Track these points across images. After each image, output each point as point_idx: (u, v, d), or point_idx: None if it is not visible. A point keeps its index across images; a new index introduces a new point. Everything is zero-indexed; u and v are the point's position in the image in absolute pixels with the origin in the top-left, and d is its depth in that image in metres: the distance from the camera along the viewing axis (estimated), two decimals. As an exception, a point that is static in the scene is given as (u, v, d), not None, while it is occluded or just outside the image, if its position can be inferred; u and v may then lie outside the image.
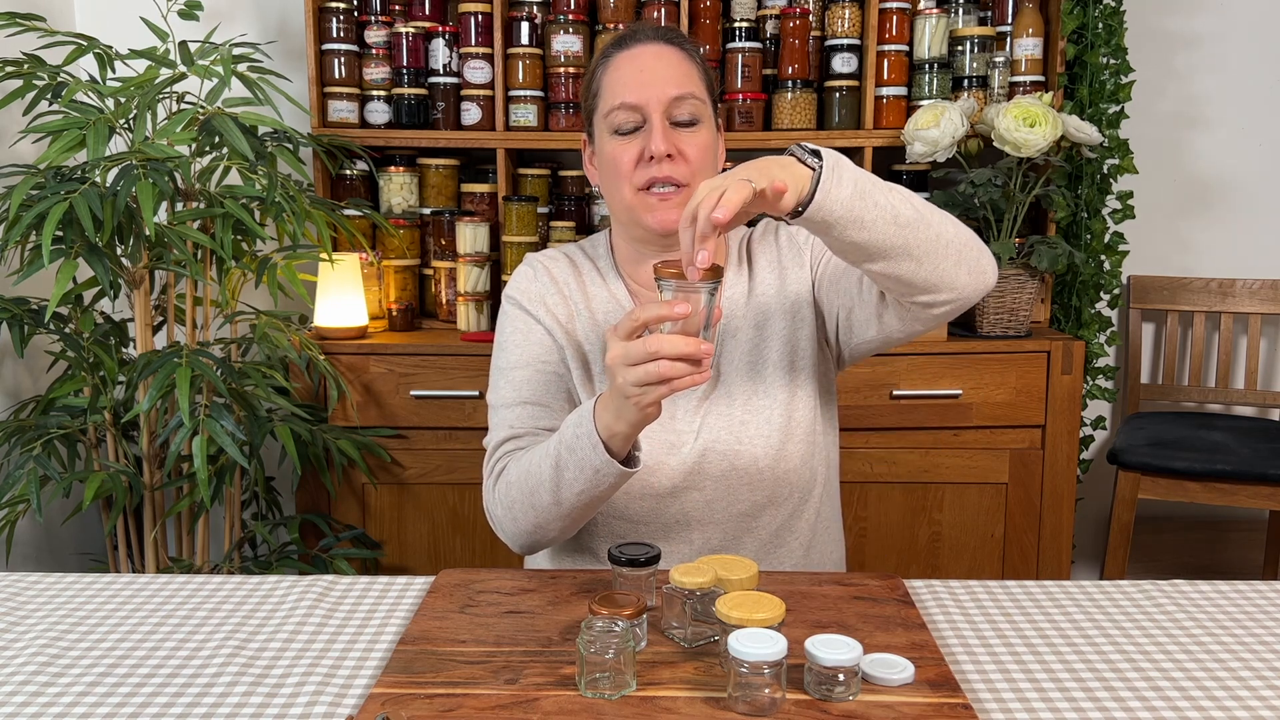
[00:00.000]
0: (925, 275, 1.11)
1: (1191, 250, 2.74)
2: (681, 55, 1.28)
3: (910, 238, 1.08)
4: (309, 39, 2.37)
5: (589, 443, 1.12)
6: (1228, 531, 2.80)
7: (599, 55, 1.33)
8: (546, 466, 1.17)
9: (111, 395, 2.02)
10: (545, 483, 1.17)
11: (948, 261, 1.12)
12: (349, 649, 1.06)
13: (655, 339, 1.00)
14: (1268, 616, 1.13)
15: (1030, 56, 2.39)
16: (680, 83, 1.26)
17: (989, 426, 2.23)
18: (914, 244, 1.09)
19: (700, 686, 0.94)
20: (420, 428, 2.23)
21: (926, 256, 1.10)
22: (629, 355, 1.02)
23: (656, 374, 1.01)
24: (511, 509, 1.23)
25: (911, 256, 1.09)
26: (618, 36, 1.33)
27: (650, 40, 1.29)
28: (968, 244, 1.14)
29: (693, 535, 1.30)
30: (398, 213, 2.47)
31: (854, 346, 1.32)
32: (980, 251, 1.15)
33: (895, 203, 1.08)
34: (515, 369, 1.32)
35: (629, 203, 1.27)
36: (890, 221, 1.07)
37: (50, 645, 1.07)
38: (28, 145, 2.22)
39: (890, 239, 1.07)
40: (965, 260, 1.13)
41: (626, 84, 1.26)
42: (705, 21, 2.39)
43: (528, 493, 1.20)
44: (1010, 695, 0.95)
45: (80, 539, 2.47)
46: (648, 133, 1.25)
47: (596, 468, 1.12)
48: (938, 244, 1.10)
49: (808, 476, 1.33)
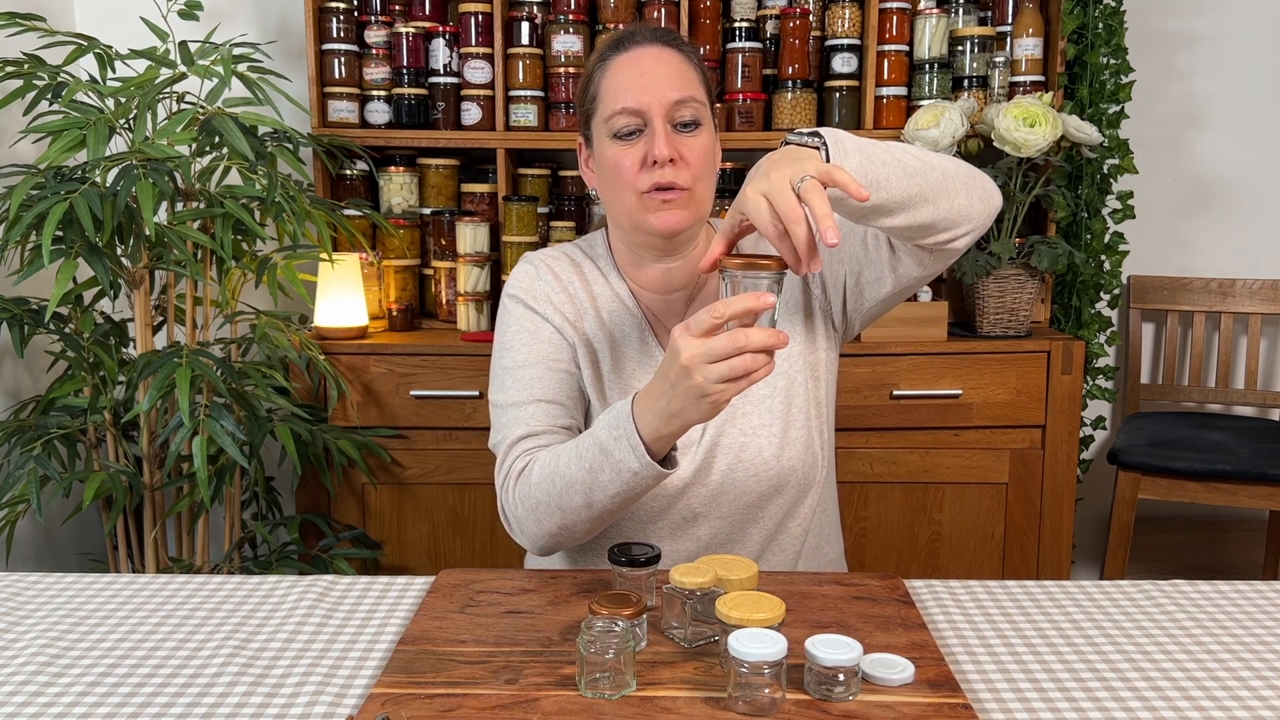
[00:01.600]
0: (944, 214, 1.15)
1: (1191, 250, 2.74)
2: (680, 57, 1.28)
3: (922, 184, 1.13)
4: (309, 39, 2.37)
5: (628, 445, 1.09)
6: (1228, 531, 2.80)
7: (595, 59, 1.31)
8: (577, 469, 1.14)
9: (111, 395, 2.02)
10: (576, 484, 1.15)
11: (960, 196, 1.17)
12: (349, 649, 1.06)
13: (741, 333, 1.00)
14: (1268, 616, 1.13)
15: (1030, 56, 2.39)
16: (681, 85, 1.25)
17: (989, 426, 2.23)
18: (927, 189, 1.13)
19: (700, 686, 0.94)
20: (420, 428, 2.23)
21: (941, 196, 1.15)
22: (712, 352, 1.01)
23: (742, 368, 1.00)
24: (536, 510, 1.20)
25: (928, 201, 1.14)
26: (614, 39, 1.31)
27: (648, 42, 1.28)
28: (970, 175, 1.19)
29: (699, 530, 1.30)
30: (398, 213, 2.47)
31: (867, 308, 1.33)
32: (982, 178, 1.21)
33: (899, 156, 1.12)
34: (523, 367, 1.30)
35: (632, 207, 1.26)
36: (901, 175, 1.11)
37: (50, 645, 1.07)
38: (28, 145, 2.22)
39: (906, 190, 1.11)
40: (974, 190, 1.18)
41: (627, 88, 1.25)
42: (705, 21, 2.39)
43: (556, 494, 1.17)
44: (1010, 695, 0.95)
45: (80, 539, 2.47)
46: (650, 137, 1.24)
47: (635, 470, 1.10)
48: (946, 182, 1.15)
49: (810, 462, 1.32)
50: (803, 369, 1.33)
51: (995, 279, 2.25)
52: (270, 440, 2.16)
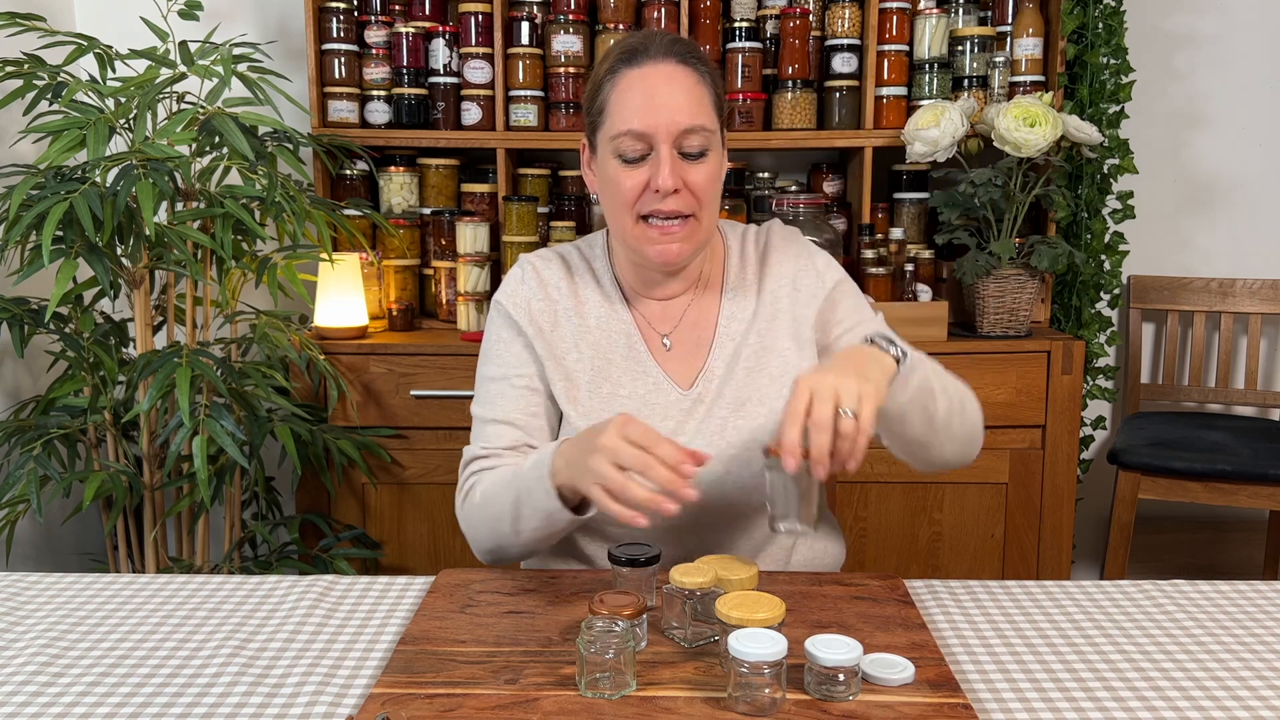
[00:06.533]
0: (922, 456, 1.23)
1: (1191, 250, 2.74)
2: (694, 79, 1.23)
3: (933, 437, 1.19)
4: (309, 39, 2.37)
5: (543, 489, 1.14)
6: (1228, 531, 2.80)
7: (606, 66, 1.26)
8: (507, 501, 1.20)
9: (111, 395, 2.02)
10: (505, 515, 1.20)
11: (949, 449, 1.23)
12: (349, 649, 1.06)
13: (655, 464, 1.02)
14: (1268, 616, 1.13)
15: (1030, 56, 2.39)
16: (692, 112, 1.21)
17: (989, 426, 2.19)
18: (933, 441, 1.20)
19: (700, 686, 0.94)
20: (420, 428, 2.23)
21: (934, 446, 1.21)
22: (620, 453, 1.03)
23: (621, 484, 1.02)
24: (476, 530, 1.26)
25: (923, 445, 1.20)
26: (627, 49, 1.25)
27: (662, 58, 1.23)
28: (972, 437, 1.26)
29: (688, 539, 1.29)
30: (398, 213, 2.47)
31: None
32: (977, 440, 1.27)
33: (939, 408, 1.17)
34: (493, 381, 1.33)
35: (630, 231, 1.25)
36: (926, 424, 1.17)
37: (50, 645, 1.07)
38: (28, 145, 2.22)
39: (917, 433, 1.18)
40: (965, 449, 1.25)
41: (635, 109, 1.21)
42: (705, 21, 2.39)
43: (490, 519, 1.23)
44: (1010, 695, 0.95)
45: (80, 539, 2.47)
46: (654, 163, 1.21)
47: (549, 513, 1.15)
48: (949, 438, 1.21)
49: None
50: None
51: (995, 279, 2.25)
52: (270, 440, 2.15)
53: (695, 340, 1.33)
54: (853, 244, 2.43)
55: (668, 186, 1.20)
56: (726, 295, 1.35)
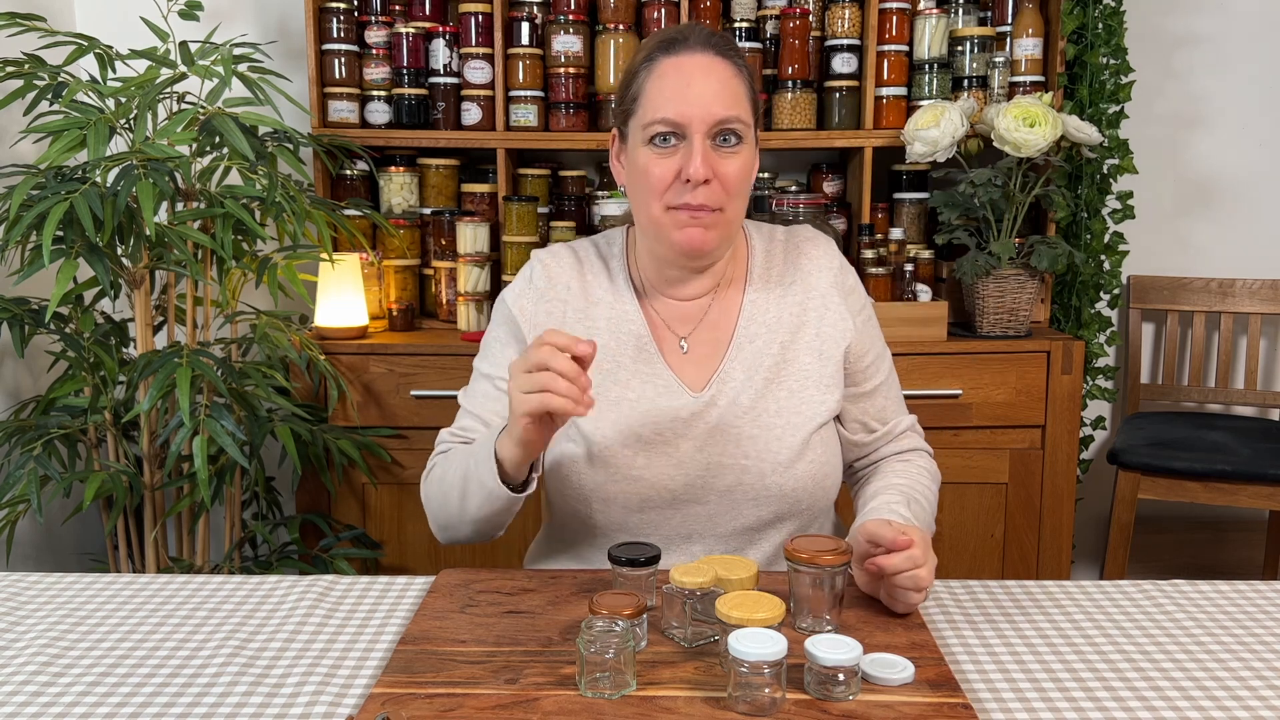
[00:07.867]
0: None
1: (1191, 250, 2.74)
2: (731, 71, 1.22)
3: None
4: (309, 39, 2.37)
5: (487, 465, 1.16)
6: (1228, 531, 2.80)
7: (642, 55, 1.25)
8: (456, 478, 1.23)
9: (112, 395, 2.02)
10: (454, 492, 1.23)
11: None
12: (349, 649, 1.06)
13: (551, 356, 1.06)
14: (1268, 616, 1.13)
15: (1030, 56, 2.39)
16: (728, 103, 1.20)
17: (989, 426, 2.23)
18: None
19: (700, 686, 0.94)
20: (420, 428, 2.23)
21: None
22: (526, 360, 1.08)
23: (539, 404, 1.06)
24: (430, 505, 1.30)
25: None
26: (664, 38, 1.24)
27: (700, 49, 1.22)
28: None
29: (694, 549, 1.29)
30: (398, 213, 2.47)
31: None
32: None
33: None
34: (482, 376, 1.35)
35: (657, 218, 1.23)
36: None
37: (50, 645, 1.07)
38: (28, 145, 2.22)
39: None
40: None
41: (671, 98, 1.20)
42: (705, 21, 2.39)
43: (441, 495, 1.27)
44: (1010, 695, 0.95)
45: (80, 539, 2.47)
46: (687, 153, 1.20)
47: (490, 489, 1.17)
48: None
49: (820, 496, 1.30)
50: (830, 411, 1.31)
51: (995, 279, 2.25)
52: (270, 440, 2.15)
53: (713, 342, 1.31)
54: (853, 244, 2.43)
55: (699, 176, 1.18)
56: (749, 297, 1.32)
